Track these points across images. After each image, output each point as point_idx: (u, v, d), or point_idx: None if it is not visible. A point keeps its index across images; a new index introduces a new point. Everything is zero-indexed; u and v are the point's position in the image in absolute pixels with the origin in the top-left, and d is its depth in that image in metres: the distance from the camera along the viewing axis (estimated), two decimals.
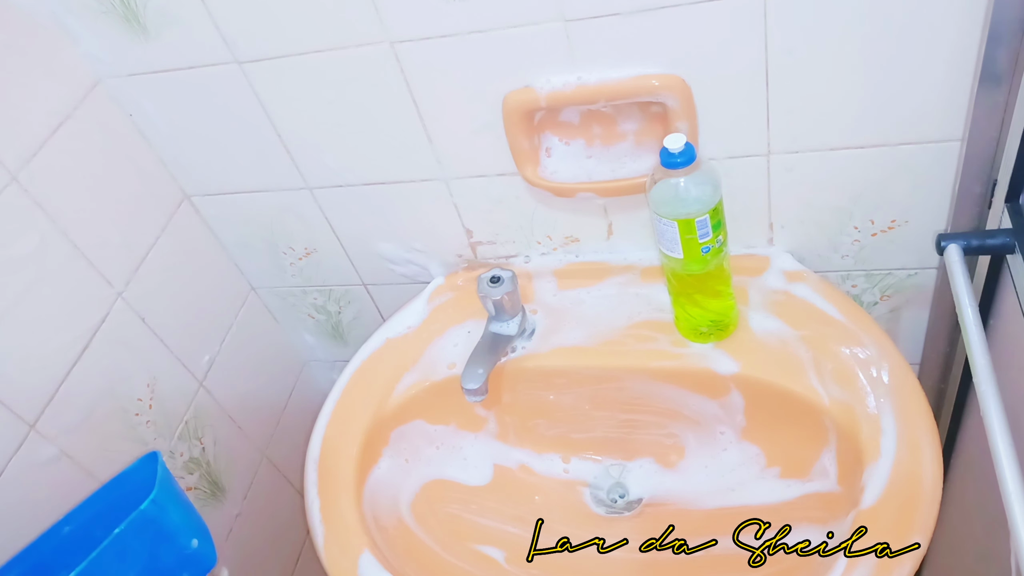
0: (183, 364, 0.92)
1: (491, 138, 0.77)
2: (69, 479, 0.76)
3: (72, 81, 0.79)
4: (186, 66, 0.78)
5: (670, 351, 0.79)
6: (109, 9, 0.75)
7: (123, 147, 0.85)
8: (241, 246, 0.99)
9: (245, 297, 1.04)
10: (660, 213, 0.69)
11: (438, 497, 0.86)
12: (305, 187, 0.88)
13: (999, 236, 0.63)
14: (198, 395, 0.94)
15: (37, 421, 0.73)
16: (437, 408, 0.86)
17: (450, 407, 0.86)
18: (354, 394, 0.87)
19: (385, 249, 0.94)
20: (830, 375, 0.73)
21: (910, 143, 0.69)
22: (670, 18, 0.64)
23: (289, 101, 0.79)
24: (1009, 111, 0.61)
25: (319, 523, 0.78)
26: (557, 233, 0.87)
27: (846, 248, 0.79)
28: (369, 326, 1.06)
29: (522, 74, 0.72)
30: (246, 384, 1.02)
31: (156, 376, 0.87)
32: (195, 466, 0.93)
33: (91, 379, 0.79)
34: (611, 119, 0.75)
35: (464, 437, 0.89)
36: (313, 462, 0.83)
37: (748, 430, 0.80)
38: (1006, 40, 0.57)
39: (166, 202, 0.91)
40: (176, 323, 0.90)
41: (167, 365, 0.89)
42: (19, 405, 0.72)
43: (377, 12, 0.69)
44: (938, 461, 0.66)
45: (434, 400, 0.85)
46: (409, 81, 0.74)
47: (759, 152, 0.73)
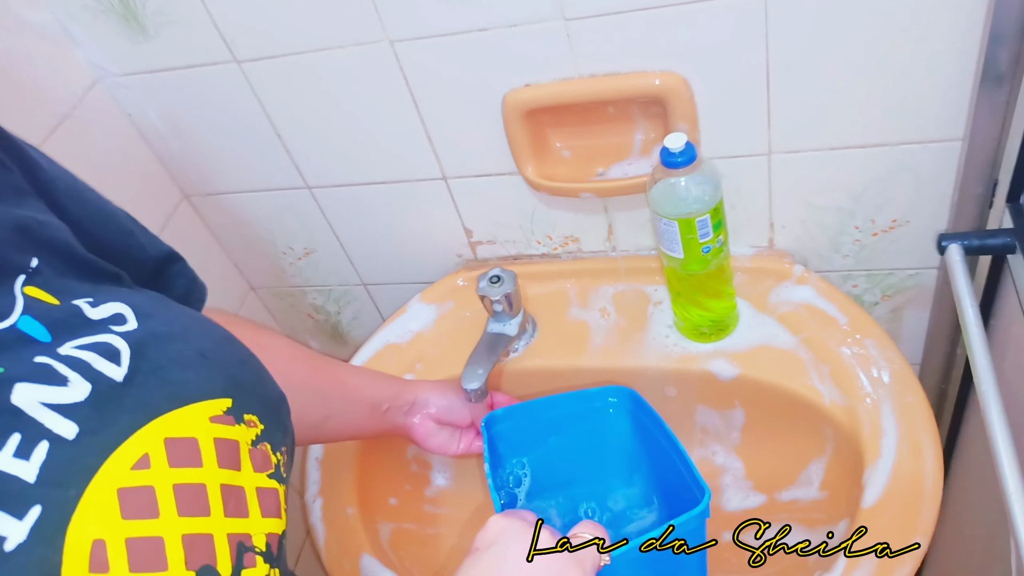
0: None
1: (491, 138, 0.77)
2: None
3: (71, 80, 0.79)
4: (185, 66, 0.78)
5: (670, 351, 0.79)
6: (108, 8, 0.75)
7: (122, 147, 0.85)
8: (241, 246, 0.99)
9: (245, 297, 1.03)
10: (660, 213, 0.69)
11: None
12: (305, 187, 0.88)
13: (1000, 236, 0.63)
14: None
15: None
16: None
17: None
18: None
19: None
20: (830, 375, 0.73)
21: (911, 143, 0.69)
22: (670, 17, 0.64)
23: (289, 101, 0.79)
24: (1010, 111, 0.61)
25: (320, 523, 0.78)
26: (557, 233, 0.87)
27: (847, 248, 0.79)
28: (369, 326, 1.06)
29: (522, 73, 0.71)
30: None
31: None
32: None
33: None
34: (611, 118, 0.75)
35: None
36: (314, 462, 0.83)
37: (746, 433, 0.80)
38: (1007, 40, 0.57)
39: (165, 202, 0.91)
40: None
41: None
42: None
43: (377, 12, 0.69)
44: (938, 461, 0.66)
45: None
46: (409, 81, 0.74)
47: (760, 152, 0.73)
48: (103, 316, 0.36)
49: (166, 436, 0.33)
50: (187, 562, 0.32)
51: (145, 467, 0.32)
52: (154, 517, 0.32)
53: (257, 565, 0.35)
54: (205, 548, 0.33)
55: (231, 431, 0.36)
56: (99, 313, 0.36)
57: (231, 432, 0.36)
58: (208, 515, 0.33)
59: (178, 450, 0.33)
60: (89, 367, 0.33)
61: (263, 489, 0.37)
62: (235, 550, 0.34)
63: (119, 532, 0.30)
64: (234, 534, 0.34)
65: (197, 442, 0.34)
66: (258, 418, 0.38)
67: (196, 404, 0.35)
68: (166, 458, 0.33)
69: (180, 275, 0.49)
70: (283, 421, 0.41)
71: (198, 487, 0.33)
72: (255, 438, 0.37)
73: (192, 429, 0.34)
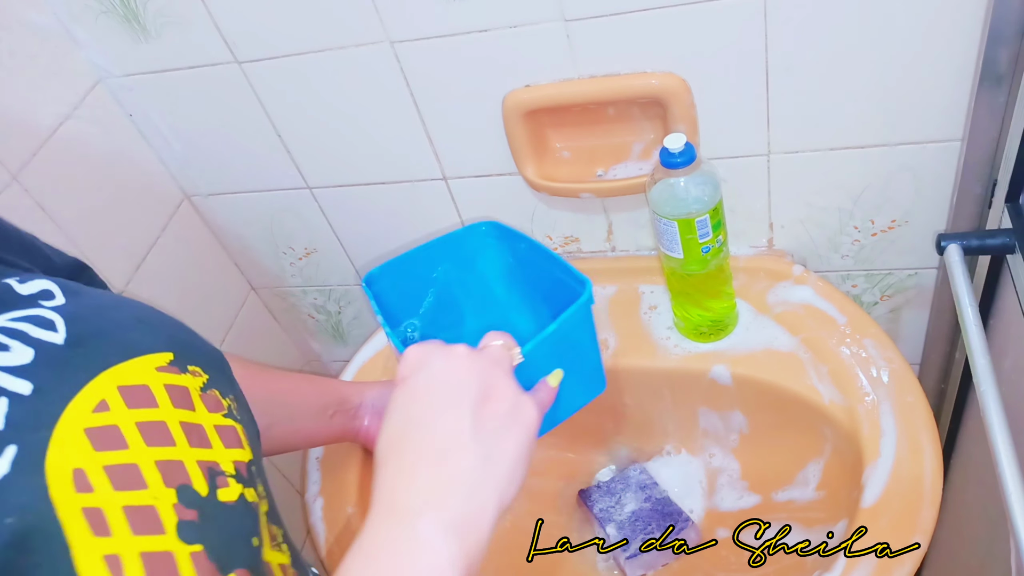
0: None
1: (491, 138, 0.77)
2: None
3: (72, 81, 0.79)
4: (186, 66, 0.78)
5: (670, 351, 0.79)
6: (109, 9, 0.75)
7: (123, 147, 0.85)
8: (241, 246, 0.99)
9: (245, 297, 1.04)
10: (660, 213, 0.69)
11: None
12: (305, 187, 0.88)
13: (999, 236, 0.63)
14: None
15: None
16: None
17: None
18: None
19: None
20: (829, 375, 0.73)
21: (910, 143, 0.69)
22: (670, 18, 0.64)
23: (290, 102, 0.79)
24: (1009, 111, 0.61)
25: (320, 523, 0.78)
26: (557, 233, 0.87)
27: (846, 248, 0.79)
28: (369, 326, 1.06)
29: (522, 74, 0.72)
30: None
31: None
32: None
33: None
34: (611, 119, 0.75)
35: None
36: (315, 462, 0.83)
37: (744, 433, 0.80)
38: (1007, 40, 0.57)
39: (166, 202, 0.91)
40: None
41: None
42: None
43: (377, 12, 0.69)
44: (938, 461, 0.66)
45: None
46: (409, 81, 0.74)
47: (759, 152, 0.73)
48: (31, 292, 0.37)
49: (119, 384, 0.35)
50: (165, 482, 0.33)
51: (105, 410, 0.34)
52: (124, 448, 0.33)
53: (230, 485, 0.36)
54: (178, 471, 0.34)
55: (179, 379, 0.37)
56: (28, 289, 0.37)
57: (179, 379, 0.37)
58: (175, 445, 0.35)
59: (133, 395, 0.35)
60: (26, 335, 0.34)
61: (221, 426, 0.38)
62: (207, 473, 0.35)
63: (95, 461, 0.32)
64: (203, 461, 0.36)
65: (149, 388, 0.36)
66: (201, 368, 0.39)
67: (141, 357, 0.36)
68: (123, 402, 0.34)
69: (92, 282, 0.50)
70: (227, 374, 0.42)
71: (159, 424, 0.35)
72: (203, 385, 0.39)
73: (142, 377, 0.36)
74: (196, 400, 0.38)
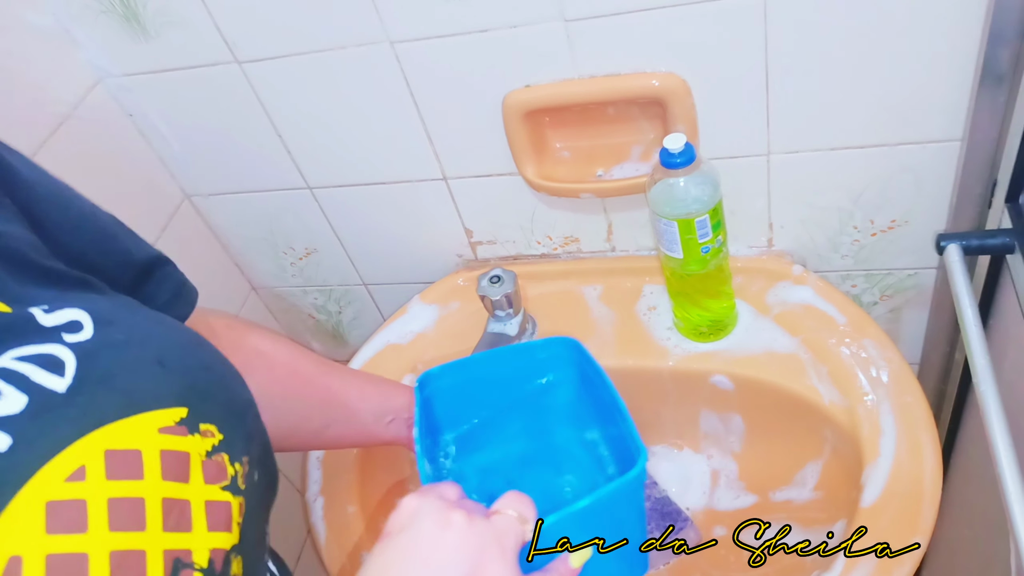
0: None
1: (491, 138, 0.77)
2: None
3: (72, 81, 0.79)
4: (186, 66, 0.78)
5: (670, 351, 0.79)
6: (109, 9, 0.75)
7: (123, 147, 0.85)
8: (242, 246, 0.99)
9: (245, 297, 1.04)
10: (660, 213, 0.69)
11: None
12: (305, 187, 0.88)
13: (999, 236, 0.63)
14: None
15: None
16: None
17: None
18: None
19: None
20: (829, 375, 0.73)
21: (910, 143, 0.69)
22: (670, 18, 0.64)
23: (289, 101, 0.79)
24: (1009, 111, 0.61)
25: (321, 522, 0.78)
26: (557, 233, 0.87)
27: (846, 248, 0.79)
28: (369, 326, 1.06)
29: (522, 74, 0.72)
30: None
31: None
32: None
33: None
34: (611, 119, 0.75)
35: None
36: (315, 461, 0.83)
37: (744, 433, 0.80)
38: (1007, 40, 0.57)
39: (166, 202, 0.91)
40: None
41: None
42: None
43: (377, 12, 0.69)
44: (938, 461, 0.66)
45: None
46: (409, 81, 0.74)
47: (759, 152, 0.73)
48: (56, 323, 0.35)
49: (107, 448, 0.32)
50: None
51: (80, 479, 0.31)
52: (82, 532, 0.30)
53: None
54: (135, 565, 0.31)
55: (182, 442, 0.35)
56: (52, 320, 0.35)
57: (182, 443, 0.35)
58: (143, 530, 0.32)
59: (118, 462, 0.32)
60: (26, 379, 0.32)
61: (213, 503, 0.35)
62: (170, 567, 0.33)
63: (40, 548, 0.29)
64: (171, 550, 0.33)
65: (140, 454, 0.33)
66: (216, 427, 0.37)
67: (146, 414, 0.34)
68: (104, 470, 0.32)
69: (167, 279, 0.48)
70: (247, 428, 0.40)
71: (136, 501, 0.32)
72: (211, 448, 0.36)
73: (137, 440, 0.33)
74: (195, 469, 0.35)
